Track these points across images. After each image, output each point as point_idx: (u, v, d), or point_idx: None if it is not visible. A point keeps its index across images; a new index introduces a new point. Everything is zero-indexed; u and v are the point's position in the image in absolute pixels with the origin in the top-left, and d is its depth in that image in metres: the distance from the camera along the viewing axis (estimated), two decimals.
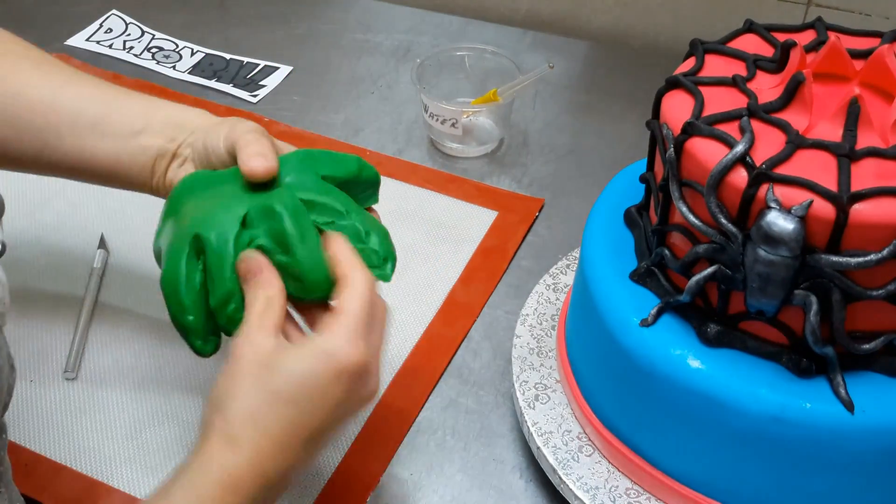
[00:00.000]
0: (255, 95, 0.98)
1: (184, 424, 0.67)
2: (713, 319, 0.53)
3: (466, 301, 0.76)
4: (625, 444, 0.58)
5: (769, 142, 0.49)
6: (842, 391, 0.50)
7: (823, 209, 0.46)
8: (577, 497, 0.58)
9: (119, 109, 0.60)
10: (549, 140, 0.93)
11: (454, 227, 0.83)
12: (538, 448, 0.61)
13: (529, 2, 1.11)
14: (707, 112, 0.51)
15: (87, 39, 1.07)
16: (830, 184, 0.47)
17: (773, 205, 0.46)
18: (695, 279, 0.52)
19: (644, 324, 0.54)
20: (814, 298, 0.48)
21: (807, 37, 0.56)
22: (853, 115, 0.49)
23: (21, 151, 0.61)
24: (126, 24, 1.09)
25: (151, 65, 1.02)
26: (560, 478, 0.59)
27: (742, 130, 0.49)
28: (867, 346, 0.50)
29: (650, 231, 0.56)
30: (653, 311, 0.54)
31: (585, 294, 0.58)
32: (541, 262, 0.78)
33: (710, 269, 0.51)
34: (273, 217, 0.51)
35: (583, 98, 0.99)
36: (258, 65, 1.03)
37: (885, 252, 0.46)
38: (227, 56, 1.04)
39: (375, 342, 0.51)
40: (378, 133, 0.94)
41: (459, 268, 0.79)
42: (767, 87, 0.53)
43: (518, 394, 0.63)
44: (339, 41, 1.07)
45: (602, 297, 0.56)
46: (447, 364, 0.72)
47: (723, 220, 0.49)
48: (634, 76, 1.00)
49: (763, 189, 0.47)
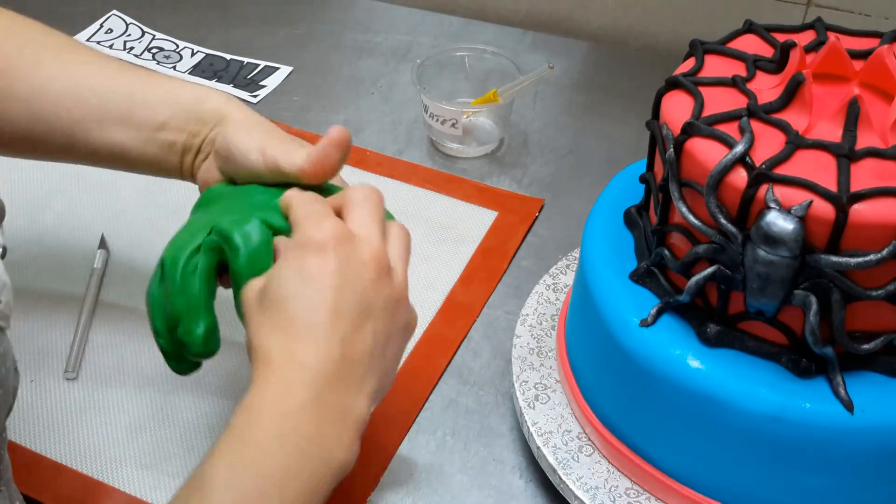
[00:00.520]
0: (256, 96, 0.98)
1: (184, 424, 0.67)
2: (713, 319, 0.53)
3: (466, 301, 0.76)
4: (625, 444, 0.58)
5: (769, 142, 0.49)
6: (841, 391, 0.50)
7: (823, 209, 0.46)
8: (577, 497, 0.58)
9: (143, 102, 0.60)
10: (549, 140, 0.93)
11: (454, 228, 0.83)
12: (538, 448, 0.61)
13: (529, 2, 1.11)
14: (707, 112, 0.51)
15: (88, 40, 1.07)
16: (830, 184, 0.47)
17: (773, 205, 0.46)
18: (694, 279, 0.52)
19: (644, 324, 0.54)
20: (813, 298, 0.48)
21: (806, 37, 0.56)
22: (853, 116, 0.49)
23: (51, 144, 0.61)
24: (126, 25, 1.09)
25: (152, 65, 1.03)
26: (560, 478, 0.59)
27: (742, 131, 0.49)
28: (867, 346, 0.50)
29: (650, 231, 0.56)
30: (652, 311, 0.54)
31: (585, 294, 0.58)
32: (541, 262, 0.78)
33: (710, 270, 0.51)
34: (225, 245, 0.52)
35: (583, 98, 0.99)
36: (258, 65, 1.03)
37: (885, 252, 0.46)
38: (228, 56, 1.04)
39: (393, 244, 0.53)
40: (378, 133, 0.94)
41: (459, 268, 0.79)
42: (767, 88, 0.53)
43: (518, 394, 0.63)
44: (340, 41, 1.07)
45: (602, 297, 0.56)
46: (447, 364, 0.72)
47: (722, 221, 0.49)
48: (634, 76, 1.00)
49: (763, 189, 0.47)
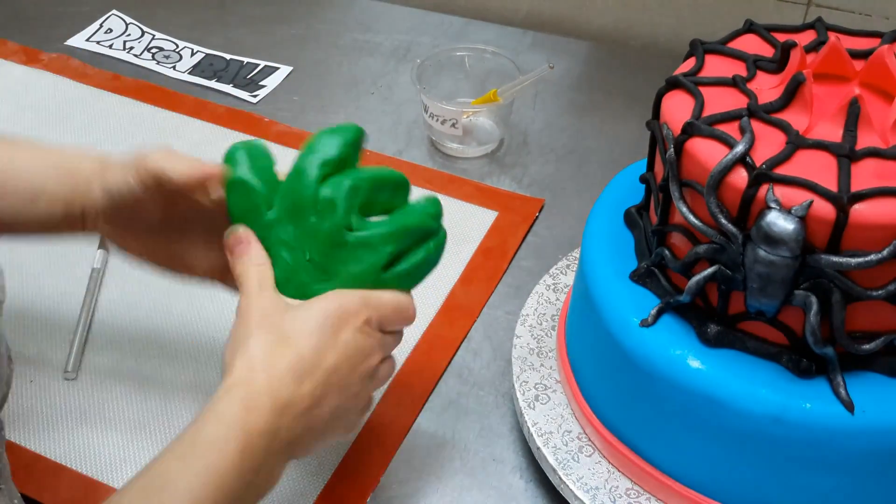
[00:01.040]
0: (255, 96, 0.98)
1: (184, 424, 0.67)
2: (713, 320, 0.53)
3: (466, 301, 0.76)
4: (625, 445, 0.58)
5: (769, 142, 0.49)
6: (842, 391, 0.50)
7: (823, 209, 0.46)
8: (578, 497, 0.58)
9: (14, 173, 0.59)
10: (550, 140, 0.93)
11: (454, 228, 0.83)
12: (538, 448, 0.61)
13: (530, 2, 1.11)
14: (707, 112, 0.51)
15: (88, 39, 1.07)
16: (830, 184, 0.47)
17: (774, 205, 0.46)
18: (695, 279, 0.52)
19: (644, 324, 0.54)
20: (814, 299, 0.48)
21: (807, 37, 0.56)
22: (853, 116, 0.49)
23: None
24: (126, 25, 1.09)
25: (151, 65, 1.02)
26: (560, 478, 0.59)
27: (742, 131, 0.49)
28: (867, 347, 0.50)
29: (650, 231, 0.56)
30: (653, 312, 0.54)
31: (585, 294, 0.58)
32: (541, 263, 0.78)
33: (710, 270, 0.51)
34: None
35: (583, 98, 0.99)
36: (258, 65, 1.03)
37: (885, 252, 0.46)
38: (227, 56, 1.04)
39: (389, 343, 0.57)
40: (378, 133, 0.94)
41: (459, 268, 0.79)
42: (767, 88, 0.53)
43: (518, 394, 0.63)
44: (339, 41, 1.07)
45: (602, 298, 0.56)
46: (447, 364, 0.72)
47: (723, 221, 0.49)
48: (634, 76, 1.00)
49: (763, 189, 0.47)
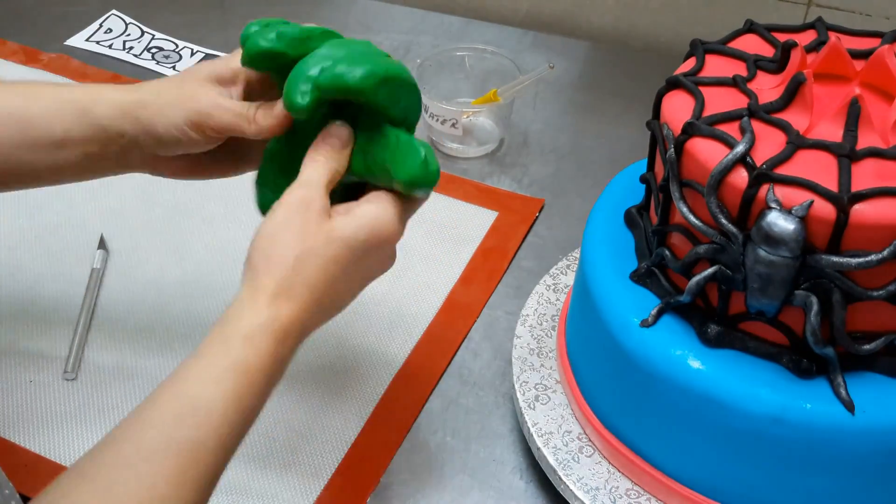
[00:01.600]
0: None
1: None
2: (713, 320, 0.53)
3: (467, 301, 0.76)
4: (625, 445, 0.58)
5: (770, 142, 0.49)
6: (842, 392, 0.50)
7: (824, 209, 0.46)
8: (578, 498, 0.58)
9: (31, 121, 0.58)
10: (550, 140, 0.93)
11: (454, 228, 0.83)
12: (538, 449, 0.61)
13: (530, 2, 1.11)
14: (707, 112, 0.51)
15: (87, 39, 1.07)
16: (831, 184, 0.46)
17: (774, 205, 0.46)
18: (695, 280, 0.52)
19: (644, 324, 0.54)
20: (814, 299, 0.48)
21: (807, 37, 0.56)
22: (854, 116, 0.49)
23: None
24: (126, 25, 1.09)
25: (151, 65, 1.02)
26: (560, 478, 0.59)
27: (742, 131, 0.49)
28: (868, 347, 0.50)
29: (650, 231, 0.56)
30: (653, 312, 0.54)
31: (586, 294, 0.58)
32: (541, 263, 0.78)
33: (711, 270, 0.51)
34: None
35: (583, 98, 0.99)
36: None
37: (886, 252, 0.46)
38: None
39: (410, 212, 0.55)
40: None
41: (460, 268, 0.79)
42: (768, 88, 0.53)
43: (518, 394, 0.63)
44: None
45: (602, 298, 0.56)
46: (447, 364, 0.72)
47: (723, 221, 0.49)
48: (635, 76, 1.00)
49: (763, 189, 0.47)
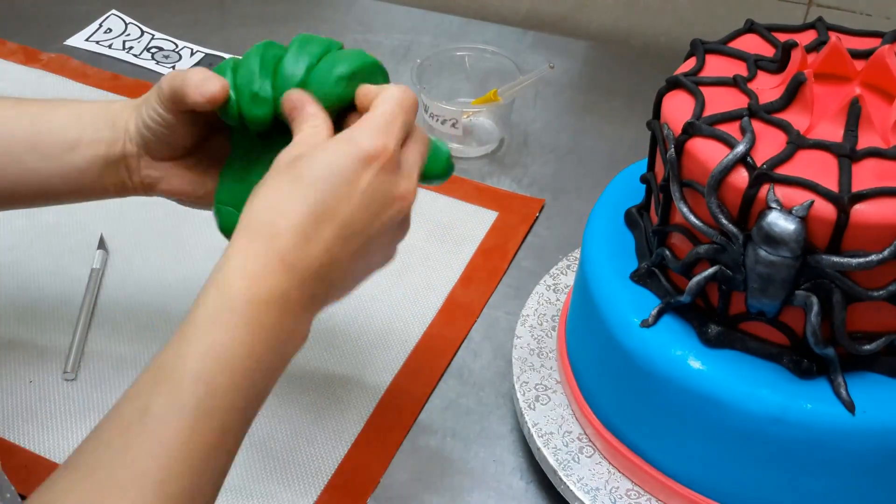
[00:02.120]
0: None
1: None
2: (714, 320, 0.53)
3: (467, 301, 0.76)
4: (625, 446, 0.58)
5: (770, 142, 0.49)
6: (843, 392, 0.50)
7: (824, 210, 0.46)
8: (578, 498, 0.58)
9: (49, 125, 0.57)
10: (550, 140, 0.93)
11: (454, 228, 0.83)
12: (538, 449, 0.60)
13: (530, 2, 1.11)
14: (708, 112, 0.51)
15: (87, 39, 1.06)
16: (831, 184, 0.46)
17: (774, 205, 0.46)
18: (695, 280, 0.52)
19: (645, 324, 0.54)
20: (815, 299, 0.48)
21: (808, 37, 0.56)
22: (854, 116, 0.49)
23: None
24: (126, 24, 1.09)
25: (151, 65, 1.02)
26: (560, 479, 0.59)
27: (743, 131, 0.49)
28: (868, 347, 0.50)
29: (651, 231, 0.56)
30: (653, 312, 0.54)
31: (586, 295, 0.58)
32: (541, 263, 0.78)
33: (711, 270, 0.51)
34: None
35: (583, 98, 0.99)
36: None
37: (886, 253, 0.46)
38: (227, 56, 1.04)
39: (412, 150, 0.50)
40: None
41: (460, 268, 0.79)
42: (768, 88, 0.53)
43: (518, 395, 0.63)
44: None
45: (602, 298, 0.56)
46: (447, 364, 0.72)
47: (723, 221, 0.49)
48: (635, 76, 1.00)
49: (764, 189, 0.47)
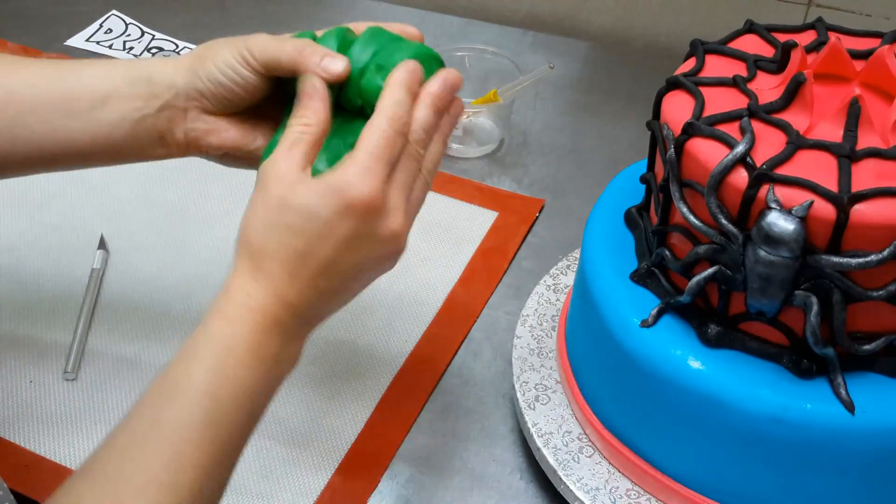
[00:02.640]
0: None
1: None
2: (714, 320, 0.53)
3: (467, 301, 0.76)
4: (625, 445, 0.58)
5: (770, 142, 0.49)
6: (842, 392, 0.50)
7: (824, 210, 0.46)
8: (578, 498, 0.58)
9: (78, 82, 0.57)
10: (550, 140, 0.93)
11: (454, 228, 0.83)
12: (538, 449, 0.61)
13: (530, 2, 1.11)
14: (707, 112, 0.51)
15: (87, 40, 1.07)
16: (831, 184, 0.46)
17: (774, 205, 0.46)
18: (695, 280, 0.52)
19: (644, 324, 0.54)
20: (814, 299, 0.48)
21: (807, 37, 0.56)
22: (854, 116, 0.49)
23: None
24: (126, 25, 1.09)
25: None
26: (560, 479, 0.59)
27: (742, 131, 0.49)
28: (868, 347, 0.50)
29: (650, 232, 0.56)
30: (653, 312, 0.54)
31: (586, 295, 0.58)
32: (541, 263, 0.78)
33: (711, 270, 0.51)
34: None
35: (583, 98, 0.99)
36: None
37: (886, 253, 0.46)
38: None
39: (401, 179, 0.50)
40: None
41: (460, 268, 0.79)
42: (768, 88, 0.53)
43: (518, 395, 0.63)
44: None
45: (602, 298, 0.56)
46: (447, 365, 0.72)
47: (723, 221, 0.49)
48: (635, 77, 1.00)
49: (763, 189, 0.47)
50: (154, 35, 1.07)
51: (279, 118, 0.56)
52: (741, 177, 0.48)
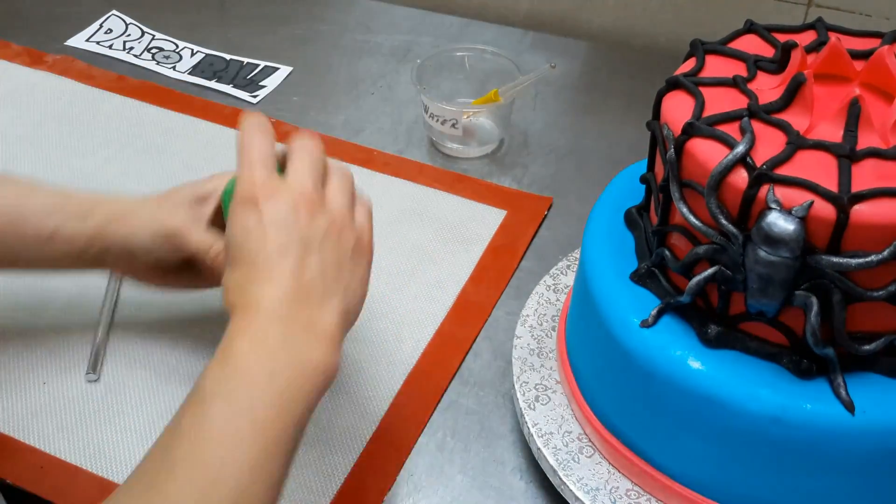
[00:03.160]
0: (256, 96, 0.98)
1: None
2: (714, 320, 0.53)
3: (477, 300, 0.76)
4: (625, 446, 0.58)
5: (770, 142, 0.49)
6: (842, 392, 0.50)
7: (824, 210, 0.46)
8: (578, 498, 0.58)
9: (28, 210, 0.64)
10: (550, 140, 0.93)
11: (463, 227, 0.82)
12: (538, 449, 0.61)
13: (529, 2, 1.11)
14: (707, 113, 0.51)
15: (87, 40, 1.07)
16: (831, 184, 0.46)
17: (774, 205, 0.46)
18: (695, 280, 0.52)
19: (644, 325, 0.54)
20: (814, 299, 0.48)
21: (807, 37, 0.56)
22: (854, 116, 0.49)
23: None
24: (126, 25, 1.09)
25: (151, 65, 1.02)
26: (560, 479, 0.59)
27: (742, 131, 0.49)
28: (868, 347, 0.50)
29: (650, 232, 0.56)
30: (653, 312, 0.54)
31: (586, 295, 0.58)
32: (541, 263, 0.78)
33: (711, 270, 0.51)
34: None
35: (583, 98, 0.99)
36: (258, 65, 1.03)
37: (886, 253, 0.46)
38: (228, 56, 1.04)
39: (332, 184, 0.57)
40: (378, 134, 0.94)
41: (470, 267, 0.79)
42: (768, 88, 0.53)
43: (518, 394, 0.63)
44: (340, 42, 1.07)
45: (602, 298, 0.56)
46: (459, 364, 0.71)
47: (723, 221, 0.49)
48: (635, 77, 1.00)
49: (763, 190, 0.47)
50: (154, 35, 1.07)
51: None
52: (741, 177, 0.48)
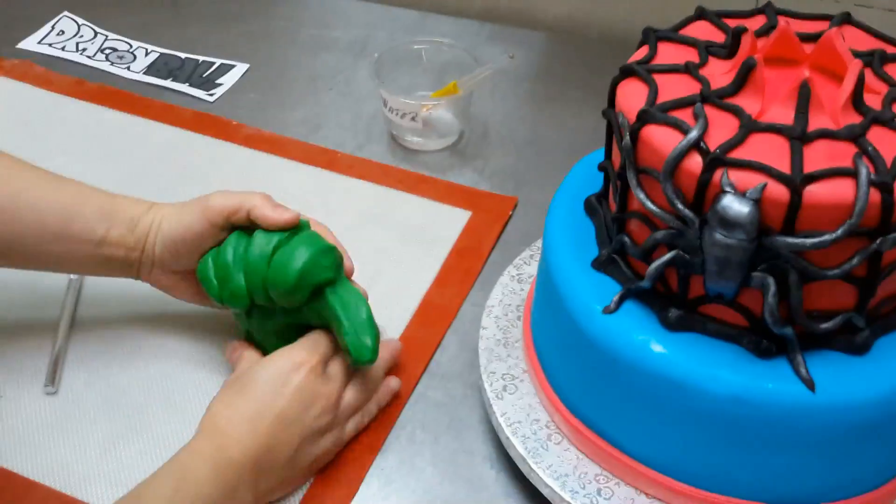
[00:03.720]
0: (212, 94, 0.97)
1: (157, 438, 0.66)
2: (674, 304, 0.53)
3: (442, 303, 0.75)
4: (592, 431, 0.58)
5: (723, 127, 0.49)
6: (802, 370, 0.50)
7: (777, 191, 0.47)
8: (547, 485, 0.58)
9: (80, 216, 0.64)
10: (510, 132, 0.93)
11: (427, 228, 0.82)
12: (507, 438, 0.61)
13: None
14: (661, 99, 0.52)
15: (40, 42, 1.05)
16: (783, 166, 0.47)
17: (728, 189, 0.47)
18: (654, 265, 0.52)
19: (607, 311, 0.54)
20: (771, 280, 0.49)
21: (757, 22, 0.57)
22: (804, 98, 0.50)
23: None
24: (78, 26, 1.07)
25: (105, 66, 1.01)
26: (530, 466, 0.59)
27: (696, 116, 0.50)
28: (825, 325, 0.51)
29: (610, 219, 0.57)
30: (615, 298, 0.54)
31: (549, 283, 0.59)
32: (505, 254, 0.79)
33: (669, 255, 0.51)
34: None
35: (541, 89, 0.99)
36: (214, 63, 1.02)
37: (840, 232, 0.47)
38: (182, 55, 1.03)
39: (335, 361, 0.63)
40: (337, 129, 0.93)
41: (434, 270, 0.78)
42: (720, 73, 0.53)
43: (486, 385, 0.64)
44: (296, 37, 1.06)
45: (565, 286, 0.57)
46: (424, 367, 0.71)
47: (679, 206, 0.49)
48: (591, 66, 1.00)
49: (718, 174, 0.47)
50: (107, 35, 1.06)
51: None
52: (695, 162, 0.48)
